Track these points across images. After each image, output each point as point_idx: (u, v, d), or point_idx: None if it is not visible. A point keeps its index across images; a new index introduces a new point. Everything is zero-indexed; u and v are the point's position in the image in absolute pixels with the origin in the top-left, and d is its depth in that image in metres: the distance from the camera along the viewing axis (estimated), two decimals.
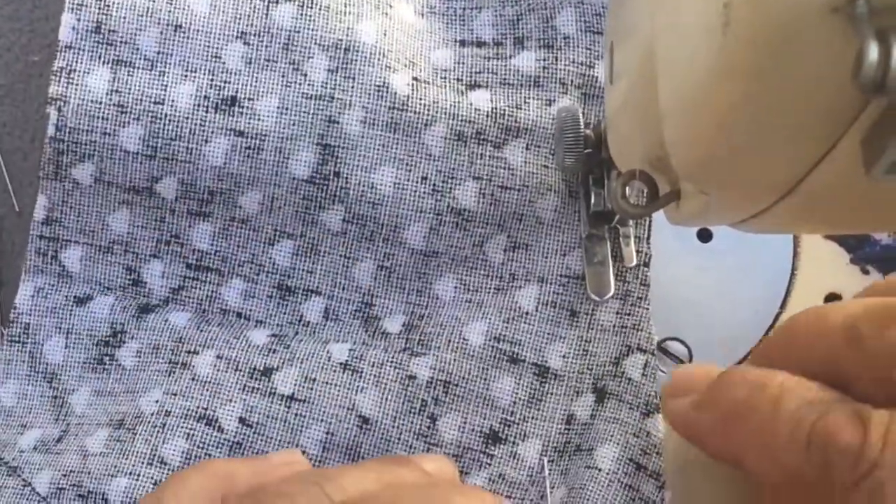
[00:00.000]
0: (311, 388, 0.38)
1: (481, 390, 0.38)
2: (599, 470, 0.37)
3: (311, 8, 0.39)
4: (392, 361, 0.39)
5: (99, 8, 0.39)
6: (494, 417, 0.38)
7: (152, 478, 0.36)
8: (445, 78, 0.40)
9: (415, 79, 0.39)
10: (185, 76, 0.39)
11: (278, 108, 0.38)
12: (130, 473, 0.36)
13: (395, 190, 0.39)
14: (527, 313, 0.39)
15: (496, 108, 0.39)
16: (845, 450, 0.25)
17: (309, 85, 0.38)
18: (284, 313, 0.40)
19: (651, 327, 0.38)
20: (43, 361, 0.40)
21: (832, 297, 0.39)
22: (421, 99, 0.39)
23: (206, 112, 0.38)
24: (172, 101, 0.38)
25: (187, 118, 0.38)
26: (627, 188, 0.28)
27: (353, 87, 0.38)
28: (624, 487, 0.37)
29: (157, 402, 0.38)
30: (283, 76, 0.39)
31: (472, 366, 0.38)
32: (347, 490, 0.28)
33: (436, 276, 0.40)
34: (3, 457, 0.38)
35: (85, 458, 0.37)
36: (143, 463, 0.36)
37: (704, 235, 0.40)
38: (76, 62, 0.39)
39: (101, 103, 0.38)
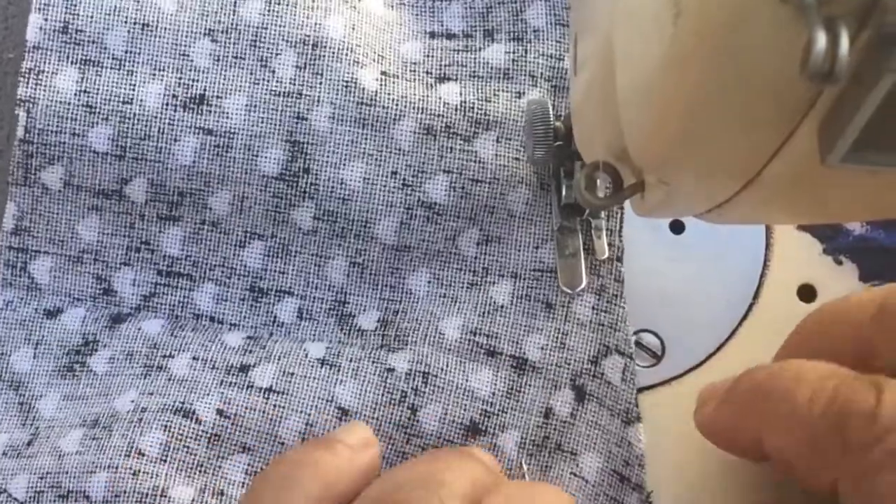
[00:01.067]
0: (290, 382, 0.38)
1: (460, 381, 0.38)
2: (587, 481, 0.37)
3: (279, 4, 0.39)
4: (370, 357, 0.38)
5: (66, 7, 0.38)
6: (474, 409, 0.38)
7: (131, 469, 0.36)
8: (415, 71, 0.40)
9: (383, 73, 0.39)
10: (154, 75, 0.38)
11: (247, 105, 0.38)
12: (108, 467, 0.36)
13: (364, 185, 0.38)
14: (502, 307, 0.39)
15: (466, 101, 0.39)
16: (861, 413, 0.26)
17: (277, 82, 0.38)
18: (258, 315, 0.40)
19: (628, 328, 0.38)
20: (9, 371, 0.39)
21: (805, 288, 0.39)
22: (389, 94, 0.39)
23: (175, 111, 0.38)
24: (141, 100, 0.38)
25: (156, 117, 0.38)
26: (598, 180, 0.28)
27: (321, 83, 0.38)
28: (610, 500, 0.37)
29: (132, 401, 0.38)
30: (251, 73, 0.38)
31: (449, 358, 0.38)
32: (457, 491, 0.30)
33: (409, 270, 0.40)
34: None
35: (61, 459, 0.37)
36: (120, 455, 0.36)
37: (677, 227, 0.40)
38: (44, 63, 0.38)
39: (69, 104, 0.38)
